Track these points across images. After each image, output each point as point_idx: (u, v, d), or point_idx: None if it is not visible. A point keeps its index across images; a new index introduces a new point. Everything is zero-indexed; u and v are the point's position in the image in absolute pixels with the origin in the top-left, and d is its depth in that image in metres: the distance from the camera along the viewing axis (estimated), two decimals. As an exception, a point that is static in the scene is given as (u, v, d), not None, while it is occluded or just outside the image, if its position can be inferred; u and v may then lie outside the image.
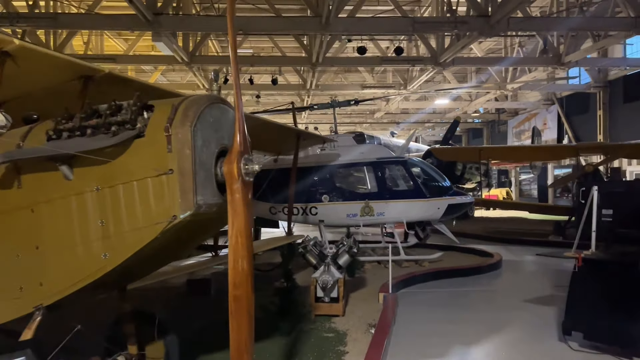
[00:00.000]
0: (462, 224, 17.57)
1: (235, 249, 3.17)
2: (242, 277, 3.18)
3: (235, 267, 3.17)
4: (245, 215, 3.18)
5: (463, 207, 11.76)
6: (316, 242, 7.26)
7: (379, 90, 26.02)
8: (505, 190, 28.15)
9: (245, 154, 3.21)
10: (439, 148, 17.96)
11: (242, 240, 3.17)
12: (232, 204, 3.16)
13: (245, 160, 3.18)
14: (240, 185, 3.19)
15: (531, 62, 21.76)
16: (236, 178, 3.16)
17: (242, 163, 3.16)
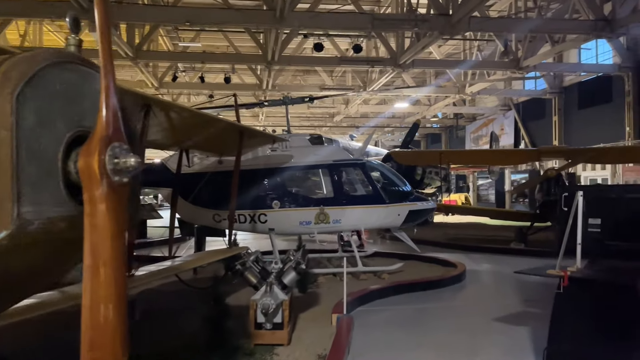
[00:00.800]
0: (422, 230, 16.79)
1: (94, 288, 1.97)
2: (106, 334, 1.97)
3: (93, 316, 1.97)
4: (114, 235, 1.99)
5: (425, 214, 10.90)
6: (257, 258, 6.12)
7: (339, 92, 25.13)
8: (463, 195, 27.82)
9: (116, 141, 2.00)
10: (399, 151, 17.16)
11: (107, 275, 1.97)
12: (92, 218, 1.95)
13: (114, 151, 1.96)
14: (105, 188, 1.98)
15: (490, 65, 21.39)
16: (98, 177, 1.93)
17: (109, 155, 1.95)
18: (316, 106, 31.19)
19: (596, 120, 23.33)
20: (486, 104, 31.02)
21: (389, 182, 10.84)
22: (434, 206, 11.15)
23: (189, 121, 6.35)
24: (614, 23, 15.79)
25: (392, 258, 12.00)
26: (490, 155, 15.92)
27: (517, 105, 29.47)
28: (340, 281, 9.54)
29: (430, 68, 21.47)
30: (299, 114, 33.50)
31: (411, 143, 20.04)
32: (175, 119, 6.13)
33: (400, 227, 10.69)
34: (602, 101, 23.21)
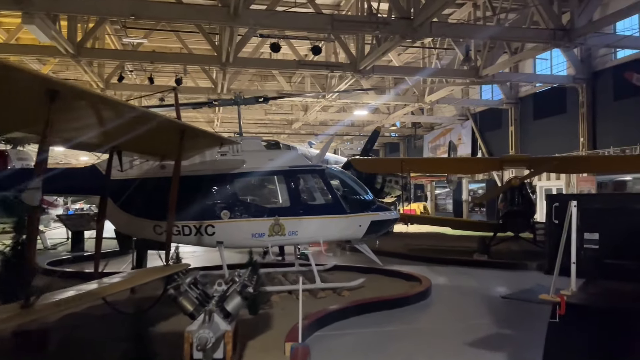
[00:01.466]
0: (382, 241, 16.05)
1: None
2: None
3: None
4: None
5: (388, 224, 10.10)
6: (195, 280, 5.07)
7: (296, 98, 24.25)
8: (422, 204, 27.46)
9: None
10: (359, 159, 16.40)
11: None
12: None
13: None
14: None
15: (450, 73, 21.10)
16: None
17: None
18: (274, 112, 30.26)
19: (551, 131, 23.49)
20: (444, 113, 30.94)
21: (350, 190, 9.99)
22: (396, 216, 10.39)
23: (113, 115, 5.27)
24: (572, 32, 15.68)
25: (352, 272, 11.14)
26: (453, 164, 15.39)
27: (474, 115, 29.53)
28: (296, 299, 8.57)
29: (390, 75, 21.00)
30: (256, 120, 32.44)
31: (371, 151, 19.36)
32: (96, 112, 5.04)
33: (362, 239, 9.84)
34: (556, 112, 23.40)
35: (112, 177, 9.08)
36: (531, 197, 13.02)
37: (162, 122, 6.14)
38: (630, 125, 19.55)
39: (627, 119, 19.74)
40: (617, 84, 20.38)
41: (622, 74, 19.75)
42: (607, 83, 20.81)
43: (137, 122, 5.91)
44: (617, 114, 20.29)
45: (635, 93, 19.44)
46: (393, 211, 10.38)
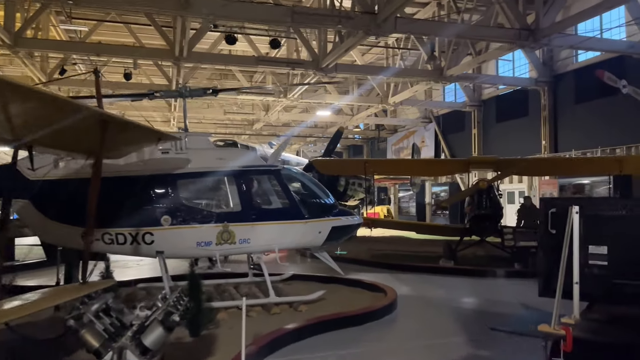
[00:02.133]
0: (344, 246, 15.21)
1: None
2: None
3: None
4: None
5: (350, 230, 9.20)
6: (107, 306, 3.99)
7: (257, 98, 23.16)
8: (385, 207, 26.84)
9: None
10: (321, 160, 15.49)
11: None
12: None
13: None
14: None
15: (414, 73, 20.52)
16: None
17: None
18: (234, 112, 29.04)
19: (513, 134, 23.30)
20: (408, 115, 30.50)
21: (310, 193, 9.04)
22: (360, 221, 9.52)
23: (15, 101, 4.14)
24: (537, 32, 15.31)
25: (312, 282, 10.19)
26: (418, 165, 14.68)
27: (437, 117, 29.20)
28: (248, 317, 7.55)
29: (353, 74, 20.24)
30: (216, 120, 31.09)
31: (334, 152, 18.52)
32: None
33: (322, 246, 8.91)
34: (519, 115, 23.23)
35: (34, 178, 7.86)
36: (499, 200, 12.44)
37: (79, 111, 5.01)
38: (591, 128, 19.48)
39: (588, 122, 19.67)
40: (578, 87, 20.32)
41: (587, 75, 19.63)
42: (568, 86, 20.72)
43: (47, 110, 4.79)
44: (579, 117, 20.20)
45: (596, 96, 19.39)
46: (356, 215, 9.50)
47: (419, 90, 22.60)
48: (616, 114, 18.52)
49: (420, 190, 29.07)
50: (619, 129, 18.28)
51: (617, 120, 18.46)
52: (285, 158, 21.50)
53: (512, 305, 8.57)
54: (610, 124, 18.69)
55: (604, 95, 19.02)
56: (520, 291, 10.07)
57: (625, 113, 18.23)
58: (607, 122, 18.83)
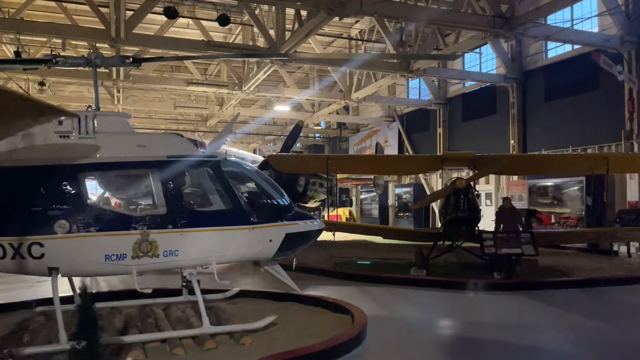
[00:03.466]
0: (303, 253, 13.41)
1: None
2: None
3: None
4: None
5: (309, 237, 7.39)
6: None
7: (210, 89, 21.04)
8: (348, 210, 25.24)
9: None
10: (277, 156, 13.64)
11: None
12: None
13: None
14: None
15: (379, 66, 18.98)
16: None
17: None
18: (186, 106, 26.74)
19: (480, 133, 22.16)
20: (371, 113, 29.07)
21: (259, 192, 7.17)
22: (321, 226, 7.74)
23: None
24: (512, 20, 14.08)
25: (263, 300, 8.34)
26: (385, 163, 12.98)
27: (401, 116, 27.90)
28: (172, 354, 5.63)
29: (314, 64, 18.49)
30: (165, 114, 28.62)
31: (292, 148, 16.66)
32: None
33: (274, 258, 7.08)
34: (486, 113, 22.13)
35: None
36: (477, 203, 10.95)
37: None
38: (561, 127, 18.49)
39: (558, 120, 18.68)
40: (548, 84, 19.33)
41: (558, 71, 18.74)
42: (538, 83, 19.72)
43: None
44: (549, 116, 19.21)
45: (567, 94, 18.44)
46: (316, 220, 7.69)
47: (383, 85, 21.13)
48: (587, 113, 17.58)
49: (383, 191, 27.66)
50: (591, 128, 17.34)
51: (589, 119, 17.52)
52: (239, 155, 19.49)
53: (501, 328, 7.06)
54: (581, 122, 17.74)
55: (575, 93, 18.09)
56: (505, 307, 8.57)
57: (597, 112, 17.31)
58: (578, 121, 17.87)
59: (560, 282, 9.71)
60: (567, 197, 17.99)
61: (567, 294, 9.34)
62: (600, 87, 17.23)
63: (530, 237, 10.25)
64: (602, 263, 12.69)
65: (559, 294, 9.32)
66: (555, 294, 9.32)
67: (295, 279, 7.51)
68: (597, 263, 12.67)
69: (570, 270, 11.19)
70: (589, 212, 16.87)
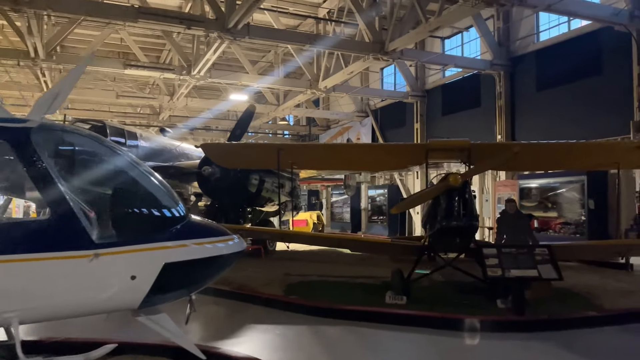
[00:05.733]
0: (241, 271, 10.25)
1: None
2: None
3: None
4: None
5: (212, 267, 4.22)
6: None
7: (152, 73, 17.62)
8: (315, 213, 22.15)
9: None
10: (214, 145, 10.42)
11: None
12: None
13: None
14: None
15: (350, 46, 15.94)
16: None
17: None
18: (132, 95, 23.16)
19: (463, 128, 19.24)
20: (342, 108, 26.05)
21: (114, 187, 3.93)
22: (239, 247, 4.59)
23: None
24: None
25: None
26: (354, 154, 9.55)
27: (375, 111, 24.97)
28: None
29: (272, 40, 15.33)
30: (110, 105, 24.90)
31: (242, 137, 13.36)
32: None
33: (145, 306, 3.88)
34: (469, 105, 19.34)
35: None
36: (474, 206, 7.94)
37: None
38: (556, 120, 15.77)
39: (553, 112, 15.96)
40: (540, 71, 16.62)
41: (551, 56, 16.05)
42: (528, 70, 17.01)
43: None
44: (540, 107, 16.47)
45: (562, 82, 15.76)
46: (231, 237, 4.50)
47: (355, 72, 18.08)
48: (588, 102, 14.89)
49: (355, 193, 24.68)
50: (592, 120, 14.63)
51: (590, 110, 14.83)
52: (183, 150, 16.14)
53: None
54: (580, 114, 15.04)
55: (573, 80, 15.40)
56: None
57: (599, 101, 14.63)
58: (576, 113, 15.17)
59: (592, 318, 6.75)
60: (564, 200, 15.30)
61: (607, 335, 6.43)
62: (603, 72, 14.58)
63: (548, 254, 7.30)
64: (625, 282, 9.91)
65: (596, 336, 6.41)
66: (590, 336, 6.40)
67: (222, 315, 4.38)
68: (617, 282, 9.87)
69: (593, 295, 8.31)
70: (591, 218, 14.21)
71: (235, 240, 4.50)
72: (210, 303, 8.14)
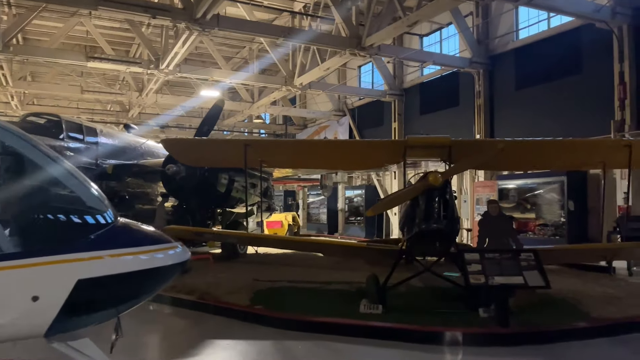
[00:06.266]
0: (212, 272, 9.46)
1: None
2: None
3: None
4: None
5: (143, 283, 3.47)
6: None
7: (118, 66, 16.61)
8: (291, 214, 21.40)
9: None
10: (175, 140, 9.58)
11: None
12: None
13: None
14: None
15: (325, 41, 15.28)
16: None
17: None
18: (98, 91, 22.01)
19: (441, 127, 18.72)
20: (319, 107, 25.39)
21: (22, 187, 3.14)
22: (182, 257, 3.83)
23: None
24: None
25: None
26: (328, 151, 8.78)
27: (352, 110, 24.39)
28: None
29: (244, 32, 14.45)
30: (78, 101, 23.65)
31: (209, 134, 12.51)
32: None
33: (59, 330, 3.09)
34: (447, 105, 18.89)
35: None
36: (456, 207, 7.34)
37: None
38: (535, 119, 15.40)
39: (532, 112, 15.60)
40: (519, 70, 16.23)
41: (531, 54, 15.68)
42: (508, 69, 16.62)
43: None
44: (520, 106, 16.11)
45: (542, 81, 15.41)
46: (171, 243, 3.75)
47: (331, 68, 17.41)
48: (567, 102, 14.55)
49: (332, 194, 24.03)
50: (571, 120, 14.29)
51: (569, 110, 14.49)
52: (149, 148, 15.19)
53: None
54: (559, 113, 14.69)
55: (552, 80, 15.05)
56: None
57: (579, 100, 14.31)
58: (555, 112, 14.82)
59: (582, 330, 6.19)
60: (543, 201, 14.93)
61: (598, 349, 5.89)
62: (583, 71, 14.25)
63: (534, 259, 6.74)
64: (608, 286, 9.45)
65: (587, 349, 5.85)
66: (581, 349, 5.84)
67: (178, 328, 3.72)
68: (601, 287, 9.40)
69: (579, 302, 7.80)
70: (571, 219, 13.85)
71: (178, 249, 3.75)
72: (166, 314, 7.35)
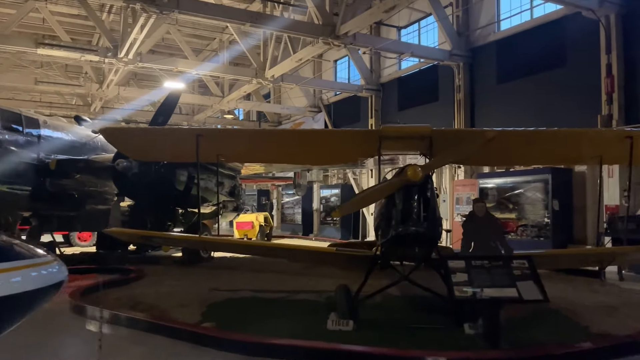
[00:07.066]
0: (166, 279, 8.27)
1: None
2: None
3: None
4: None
5: (7, 310, 2.34)
6: None
7: (71, 54, 15.17)
8: (262, 215, 20.24)
9: None
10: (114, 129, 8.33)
11: None
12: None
13: None
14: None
15: (298, 28, 14.18)
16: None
17: None
18: (53, 82, 20.43)
19: (420, 123, 17.98)
20: (294, 103, 24.29)
21: None
22: (54, 279, 2.76)
23: None
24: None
25: None
26: (293, 143, 7.48)
27: (328, 106, 23.41)
28: None
29: (207, 17, 13.20)
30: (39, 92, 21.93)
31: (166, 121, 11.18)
32: None
33: None
34: (426, 99, 18.05)
35: None
36: (437, 206, 6.34)
37: None
38: (517, 114, 14.62)
39: (514, 106, 14.84)
40: (501, 62, 15.47)
41: (513, 46, 14.90)
42: (489, 62, 15.83)
43: None
44: (501, 101, 15.34)
45: (525, 73, 14.63)
46: (43, 259, 2.62)
47: (304, 59, 16.32)
48: (551, 96, 13.80)
49: (307, 194, 22.97)
50: (556, 114, 13.52)
51: (553, 104, 13.74)
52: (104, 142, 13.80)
53: None
54: (543, 108, 13.94)
55: (535, 72, 14.29)
56: None
57: (564, 94, 13.56)
58: (539, 106, 14.05)
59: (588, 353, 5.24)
60: (526, 200, 14.15)
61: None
62: (567, 64, 13.52)
63: (528, 267, 5.77)
64: (601, 293, 8.65)
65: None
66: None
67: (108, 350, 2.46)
68: (594, 294, 8.59)
69: (574, 314, 6.90)
70: (555, 220, 13.09)
71: (52, 268, 2.60)
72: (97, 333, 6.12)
